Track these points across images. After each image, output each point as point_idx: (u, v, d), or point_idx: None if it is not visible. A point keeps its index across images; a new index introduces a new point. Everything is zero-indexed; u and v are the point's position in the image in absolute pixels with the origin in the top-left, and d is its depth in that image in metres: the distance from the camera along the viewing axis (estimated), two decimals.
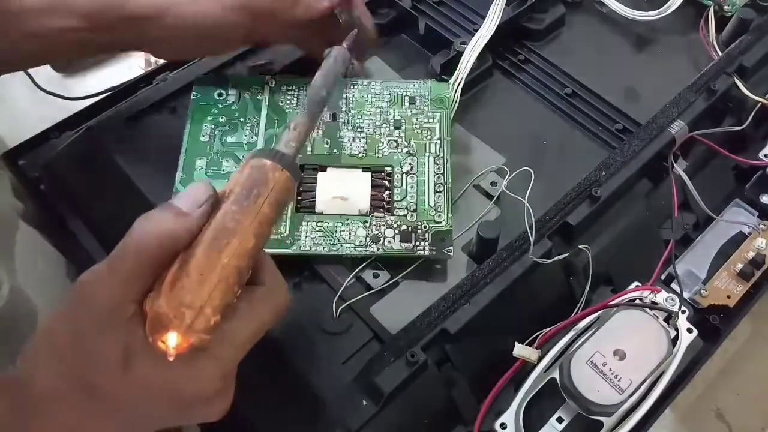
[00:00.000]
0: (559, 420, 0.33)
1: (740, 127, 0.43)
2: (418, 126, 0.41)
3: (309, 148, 0.40)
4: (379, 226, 0.37)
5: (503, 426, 0.33)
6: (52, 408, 0.25)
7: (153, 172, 0.41)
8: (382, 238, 0.37)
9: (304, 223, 0.37)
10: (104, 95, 0.47)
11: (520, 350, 0.34)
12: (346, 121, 0.41)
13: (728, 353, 0.41)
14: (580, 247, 0.37)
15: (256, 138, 0.40)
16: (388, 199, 0.38)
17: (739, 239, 0.41)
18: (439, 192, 0.38)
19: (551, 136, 0.45)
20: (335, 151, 0.40)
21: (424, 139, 0.40)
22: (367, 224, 0.37)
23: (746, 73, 0.45)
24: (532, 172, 0.37)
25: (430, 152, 0.40)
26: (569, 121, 0.46)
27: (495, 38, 0.46)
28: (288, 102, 0.42)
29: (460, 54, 0.45)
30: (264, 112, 0.41)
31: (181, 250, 0.25)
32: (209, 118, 0.41)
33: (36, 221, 0.41)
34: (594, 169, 0.40)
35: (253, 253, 0.25)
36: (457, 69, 0.45)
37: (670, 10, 0.49)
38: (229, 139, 0.40)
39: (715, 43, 0.48)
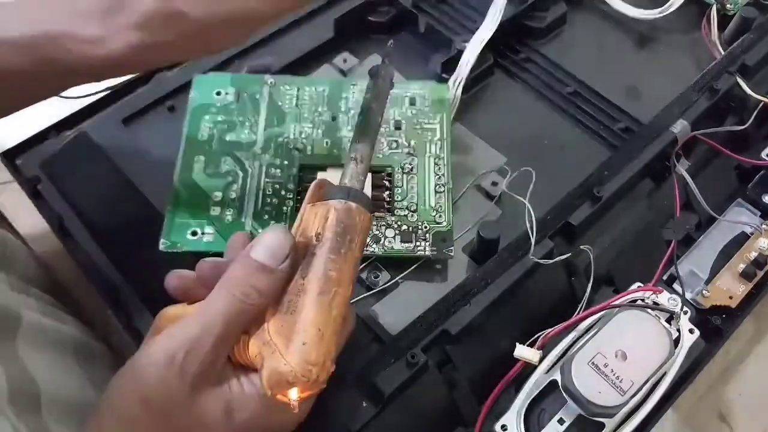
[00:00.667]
0: (561, 421, 0.33)
1: (743, 127, 0.43)
2: (418, 126, 0.41)
3: (309, 148, 0.40)
4: (380, 226, 0.37)
5: (504, 428, 0.33)
6: None
7: (151, 170, 0.41)
8: (382, 238, 0.37)
9: None
10: (102, 94, 0.47)
11: (521, 351, 0.34)
12: (345, 122, 0.41)
13: (730, 354, 0.41)
14: (581, 247, 0.37)
15: (255, 137, 0.40)
16: (388, 199, 0.38)
17: (741, 239, 0.41)
18: (440, 192, 0.38)
19: (553, 135, 0.45)
20: (335, 150, 0.40)
21: (425, 139, 0.40)
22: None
23: (749, 72, 0.44)
24: (533, 172, 0.37)
25: (430, 153, 0.40)
26: (571, 120, 0.45)
27: (496, 37, 0.45)
28: (287, 102, 0.41)
29: (461, 52, 0.45)
30: (263, 113, 0.41)
31: (270, 305, 0.26)
32: (207, 116, 0.40)
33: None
34: (596, 169, 0.40)
35: (351, 298, 0.26)
36: (458, 68, 0.44)
37: (672, 9, 0.49)
38: (228, 138, 0.40)
39: (717, 41, 0.48)
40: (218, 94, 0.41)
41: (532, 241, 0.35)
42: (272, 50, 0.47)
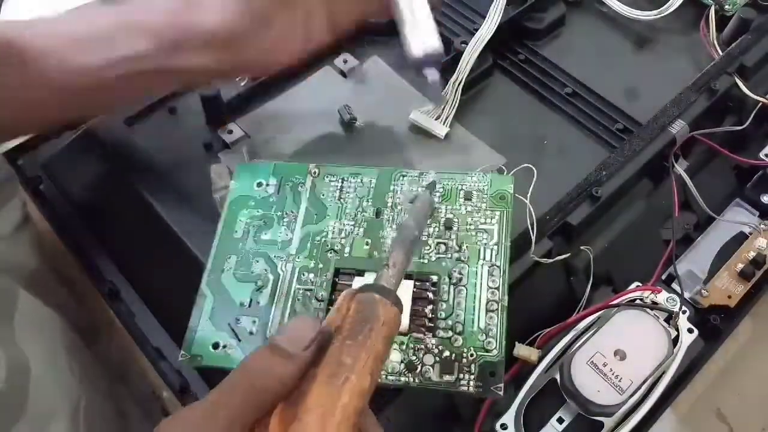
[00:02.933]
0: (560, 420, 0.33)
1: (741, 127, 0.43)
2: (472, 226, 0.35)
3: (347, 249, 0.35)
4: (418, 349, 0.31)
5: (504, 426, 0.33)
6: None
7: (152, 171, 0.41)
8: (419, 366, 0.31)
9: None
10: None
11: (521, 350, 0.34)
12: (390, 219, 0.35)
13: (729, 353, 0.41)
14: (581, 247, 0.37)
15: (291, 236, 0.35)
16: (430, 315, 0.32)
17: (739, 239, 0.41)
18: (492, 311, 0.32)
19: (552, 135, 0.45)
20: (375, 253, 0.34)
21: (479, 243, 0.34)
22: (404, 346, 0.31)
23: (747, 73, 0.45)
24: (534, 169, 0.37)
25: (484, 260, 0.33)
26: (570, 120, 0.45)
27: (495, 38, 0.46)
28: (330, 194, 0.37)
29: (460, 53, 0.45)
30: (303, 207, 0.36)
31: (285, 395, 0.23)
32: (245, 210, 0.37)
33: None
34: (594, 169, 0.40)
35: (368, 394, 0.24)
36: (458, 68, 0.44)
37: (670, 10, 0.49)
38: (263, 237, 0.36)
39: (715, 42, 0.48)
40: (259, 185, 0.37)
41: (533, 240, 0.35)
42: None
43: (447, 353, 0.31)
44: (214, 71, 0.37)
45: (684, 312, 0.35)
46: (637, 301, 0.35)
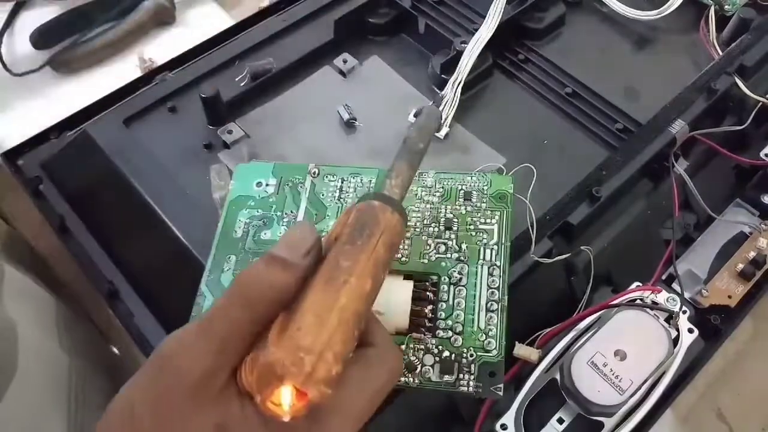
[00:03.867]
0: (560, 421, 0.33)
1: (741, 127, 0.43)
2: (472, 226, 0.34)
3: None
4: (417, 350, 0.31)
5: (504, 427, 0.33)
6: None
7: (152, 171, 0.41)
8: (419, 366, 0.31)
9: None
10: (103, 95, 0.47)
11: (521, 350, 0.34)
12: None
13: (729, 353, 0.41)
14: (581, 248, 0.37)
15: None
16: (430, 315, 0.32)
17: (740, 239, 0.41)
18: (492, 311, 0.32)
19: (552, 135, 0.45)
20: None
21: (479, 243, 0.34)
22: (404, 346, 0.31)
23: (747, 73, 0.45)
24: (534, 169, 0.37)
25: (484, 260, 0.33)
26: (569, 120, 0.45)
27: (495, 37, 0.46)
28: (330, 194, 0.36)
29: (460, 53, 0.45)
30: (303, 206, 0.36)
31: (285, 305, 0.22)
32: (245, 210, 0.36)
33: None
34: (594, 169, 0.40)
35: (370, 298, 0.22)
36: (457, 68, 0.44)
37: (670, 10, 0.49)
38: (263, 236, 0.35)
39: (715, 42, 0.48)
40: (258, 185, 0.37)
41: (533, 240, 0.35)
42: (273, 51, 0.47)
43: (447, 353, 0.31)
44: None
45: (684, 312, 0.35)
46: (638, 301, 0.35)
